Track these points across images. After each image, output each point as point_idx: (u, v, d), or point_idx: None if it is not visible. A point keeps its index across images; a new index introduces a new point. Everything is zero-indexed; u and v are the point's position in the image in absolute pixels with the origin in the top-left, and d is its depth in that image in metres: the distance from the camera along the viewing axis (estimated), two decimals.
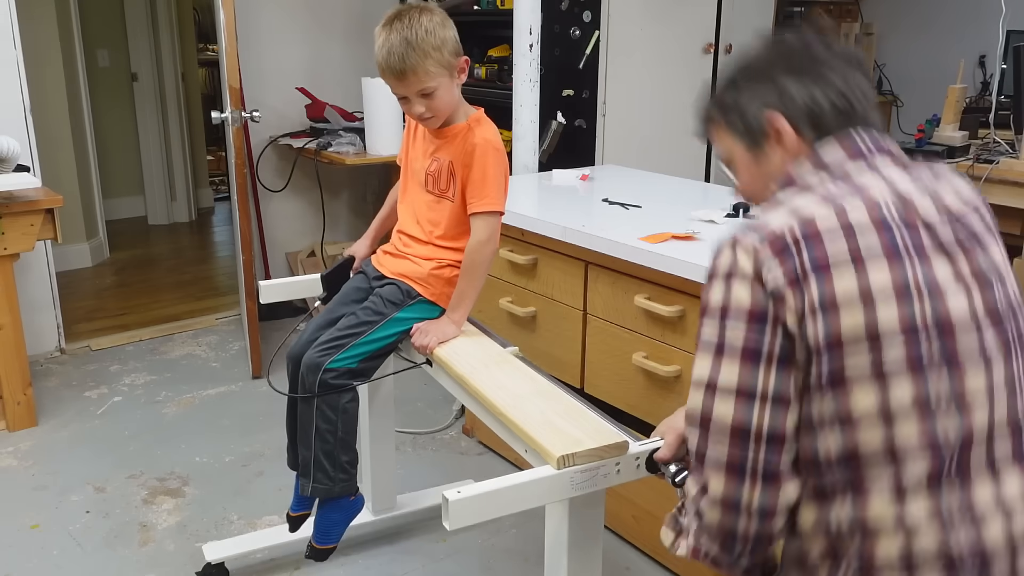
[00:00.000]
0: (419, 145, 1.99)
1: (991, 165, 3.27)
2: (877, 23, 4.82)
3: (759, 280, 1.04)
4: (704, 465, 1.08)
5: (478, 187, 1.86)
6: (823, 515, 1.06)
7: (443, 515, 1.27)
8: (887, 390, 1.01)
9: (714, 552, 1.13)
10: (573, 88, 3.69)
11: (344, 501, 1.97)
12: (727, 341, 1.06)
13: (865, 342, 1.01)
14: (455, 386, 1.81)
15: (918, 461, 1.02)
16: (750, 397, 1.04)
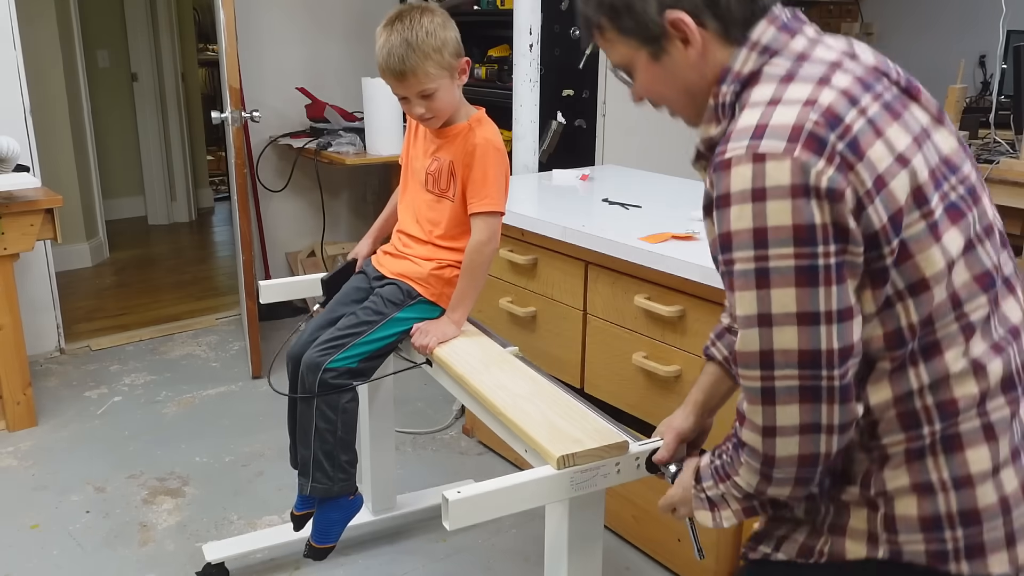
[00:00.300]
0: (420, 144, 1.99)
1: (991, 165, 3.27)
2: (877, 23, 4.82)
3: (803, 189, 0.94)
4: (774, 402, 1.00)
5: (479, 187, 1.86)
6: (900, 388, 1.03)
7: (443, 515, 1.27)
8: (944, 245, 1.01)
9: (788, 494, 1.07)
10: (573, 88, 3.69)
11: (343, 500, 1.97)
12: (772, 266, 0.96)
13: (915, 207, 0.99)
14: (455, 386, 1.81)
15: (974, 298, 1.03)
16: (814, 320, 0.96)
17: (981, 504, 1.03)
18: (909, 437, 1.04)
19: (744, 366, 1.02)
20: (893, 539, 1.05)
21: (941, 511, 1.03)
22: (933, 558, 1.04)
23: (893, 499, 1.05)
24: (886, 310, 1.01)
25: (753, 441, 1.04)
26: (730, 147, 0.98)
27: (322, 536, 1.99)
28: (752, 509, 1.14)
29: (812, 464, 1.02)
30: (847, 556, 1.08)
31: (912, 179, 0.99)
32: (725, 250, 1.00)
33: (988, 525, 1.03)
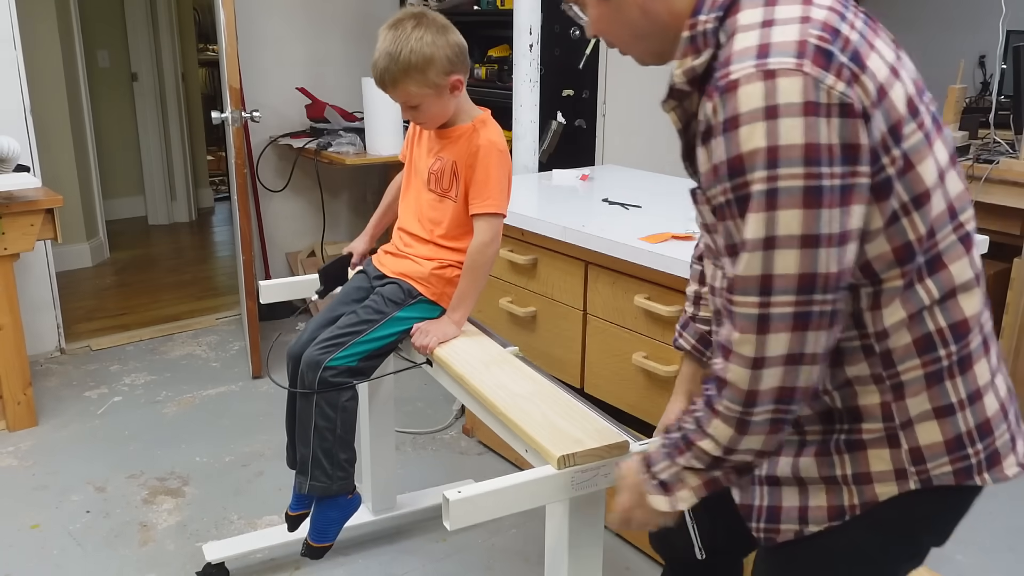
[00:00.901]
0: (423, 143, 1.99)
1: (991, 165, 3.27)
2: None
3: (815, 106, 0.93)
4: (767, 330, 0.98)
5: (481, 188, 1.86)
6: (911, 306, 1.04)
7: (443, 515, 1.27)
8: (935, 154, 1.03)
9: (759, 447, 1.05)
10: (573, 88, 3.69)
11: (341, 499, 1.97)
12: (783, 186, 0.94)
13: (911, 118, 1.00)
14: (455, 386, 1.81)
15: (965, 210, 1.07)
16: (815, 242, 0.95)
17: (989, 413, 1.08)
18: (925, 361, 1.05)
19: (742, 292, 0.99)
20: (922, 469, 1.07)
21: (962, 430, 1.07)
22: (960, 476, 1.07)
23: (915, 429, 1.07)
24: (893, 225, 1.01)
25: (737, 377, 1.01)
26: (734, 68, 0.96)
27: (320, 535, 1.98)
28: (714, 482, 1.11)
29: (789, 399, 1.01)
30: (880, 500, 1.09)
31: (904, 89, 1.01)
32: (734, 175, 0.97)
33: (998, 432, 1.09)
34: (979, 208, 3.60)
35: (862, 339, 1.06)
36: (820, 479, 1.13)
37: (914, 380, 1.06)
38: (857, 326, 1.06)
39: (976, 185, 3.30)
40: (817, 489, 1.13)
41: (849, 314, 1.05)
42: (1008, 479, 1.10)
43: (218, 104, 5.38)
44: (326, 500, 1.96)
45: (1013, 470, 1.10)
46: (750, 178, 0.96)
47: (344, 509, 1.99)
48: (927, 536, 1.15)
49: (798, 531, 1.15)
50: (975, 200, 3.30)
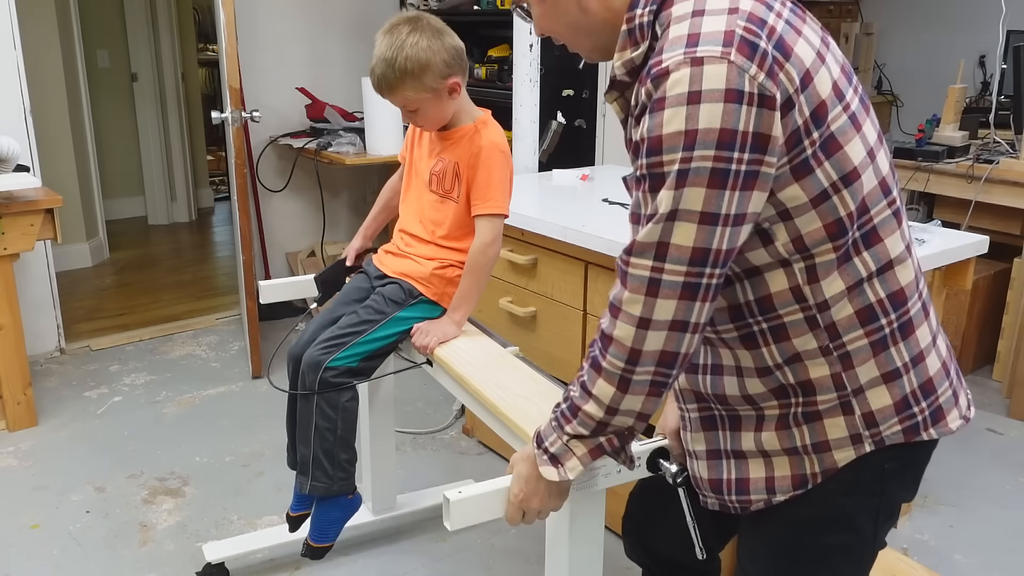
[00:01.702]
0: (424, 145, 1.99)
1: (991, 165, 3.27)
2: (877, 23, 4.82)
3: (736, 93, 0.97)
4: (657, 293, 1.04)
5: (483, 189, 1.87)
6: (850, 278, 1.09)
7: (444, 515, 1.27)
8: (864, 135, 1.08)
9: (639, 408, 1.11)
10: (573, 88, 3.69)
11: (342, 500, 1.97)
12: (693, 167, 0.99)
13: (837, 101, 1.05)
14: (455, 386, 1.81)
15: (894, 188, 1.13)
16: (713, 220, 1.01)
17: (932, 372, 1.16)
18: (868, 331, 1.11)
19: (638, 254, 1.05)
20: (875, 431, 1.14)
21: (907, 390, 1.14)
22: (908, 433, 1.15)
23: (866, 395, 1.13)
24: (824, 203, 1.06)
25: (624, 334, 1.06)
26: (666, 56, 1.01)
27: (320, 535, 1.98)
28: (599, 448, 1.17)
29: (670, 364, 1.07)
30: (839, 466, 1.15)
31: (830, 74, 1.05)
32: (652, 153, 1.02)
33: (940, 389, 1.16)
34: (979, 208, 3.64)
35: (804, 311, 1.11)
36: (782, 451, 1.18)
37: (860, 349, 1.12)
38: (798, 300, 1.11)
39: (976, 185, 3.30)
40: (781, 460, 1.19)
41: (788, 290, 1.10)
42: (952, 432, 1.18)
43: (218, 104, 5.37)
44: (327, 500, 1.96)
45: (956, 423, 1.18)
46: (667, 158, 1.01)
47: (345, 509, 1.99)
48: (893, 491, 1.19)
49: (767, 500, 1.21)
50: (975, 200, 3.30)
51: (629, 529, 1.54)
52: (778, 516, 1.21)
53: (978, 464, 2.90)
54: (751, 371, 1.17)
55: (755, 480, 1.21)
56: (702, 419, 1.26)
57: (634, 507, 1.53)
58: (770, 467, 1.19)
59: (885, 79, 4.81)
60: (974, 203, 3.32)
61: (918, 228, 2.34)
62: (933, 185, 3.44)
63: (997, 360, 3.52)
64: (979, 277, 3.40)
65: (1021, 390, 3.21)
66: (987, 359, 3.63)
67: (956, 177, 3.37)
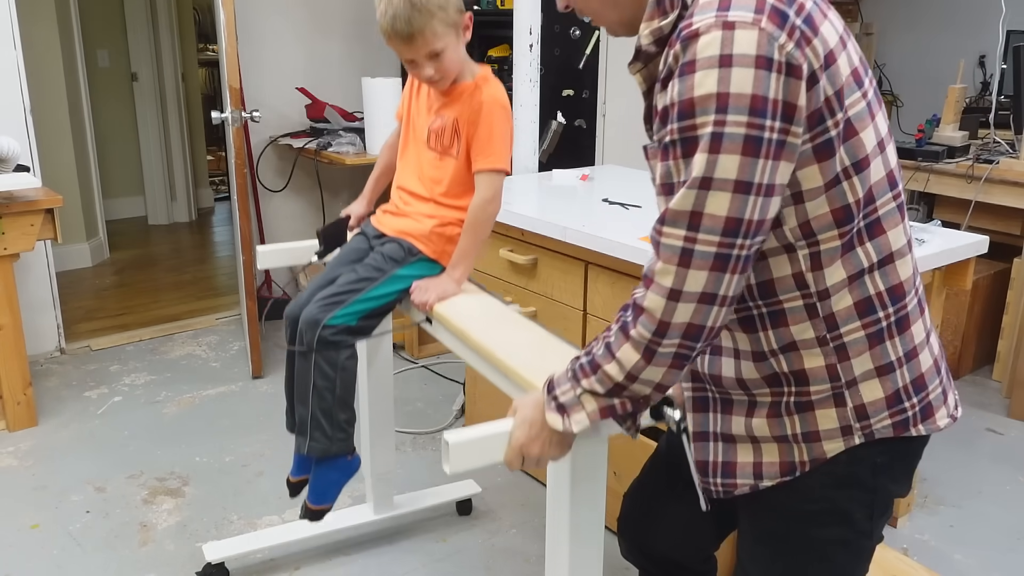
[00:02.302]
0: (422, 101, 1.95)
1: (991, 165, 3.28)
2: (877, 23, 4.82)
3: (766, 60, 0.98)
4: (689, 264, 1.03)
5: (484, 145, 1.83)
6: (852, 267, 1.10)
7: (443, 459, 1.24)
8: (876, 125, 1.09)
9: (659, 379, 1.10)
10: (573, 88, 3.69)
11: (341, 460, 1.93)
12: (727, 131, 0.99)
13: (856, 87, 1.06)
14: (455, 342, 1.75)
15: (899, 183, 1.14)
16: (747, 189, 1.00)
17: (923, 369, 1.17)
18: (866, 323, 1.12)
19: (671, 223, 1.04)
20: (866, 424, 1.15)
21: (899, 385, 1.15)
22: (898, 428, 1.15)
23: (859, 387, 1.14)
24: (834, 187, 1.06)
25: (653, 305, 1.05)
26: (697, 19, 1.01)
27: (319, 497, 1.94)
28: (611, 409, 1.16)
29: (696, 337, 1.06)
30: (828, 456, 1.16)
31: (849, 61, 1.06)
32: (684, 116, 1.02)
33: (931, 386, 1.18)
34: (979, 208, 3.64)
35: (805, 299, 1.11)
36: (772, 438, 1.19)
37: (856, 341, 1.12)
38: (799, 287, 1.11)
39: (976, 185, 3.30)
40: (770, 446, 1.19)
41: (791, 276, 1.11)
42: (940, 429, 1.19)
43: (218, 104, 5.38)
44: (325, 461, 1.92)
45: (944, 421, 1.19)
46: (699, 121, 1.00)
47: (344, 470, 1.95)
48: (885, 486, 1.20)
49: (753, 485, 1.21)
50: (975, 200, 3.30)
51: (625, 529, 1.54)
52: (773, 511, 1.22)
53: (978, 464, 2.90)
54: (747, 354, 1.18)
55: (742, 464, 1.22)
56: (695, 399, 1.27)
57: (629, 507, 1.53)
58: (758, 453, 1.20)
59: (885, 79, 4.81)
60: (974, 203, 3.32)
61: (918, 228, 2.34)
62: (933, 185, 3.44)
63: (997, 360, 3.52)
64: (979, 277, 3.40)
65: (1021, 390, 3.21)
66: (987, 359, 3.63)
67: (956, 177, 3.37)
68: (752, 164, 0.99)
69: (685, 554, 1.49)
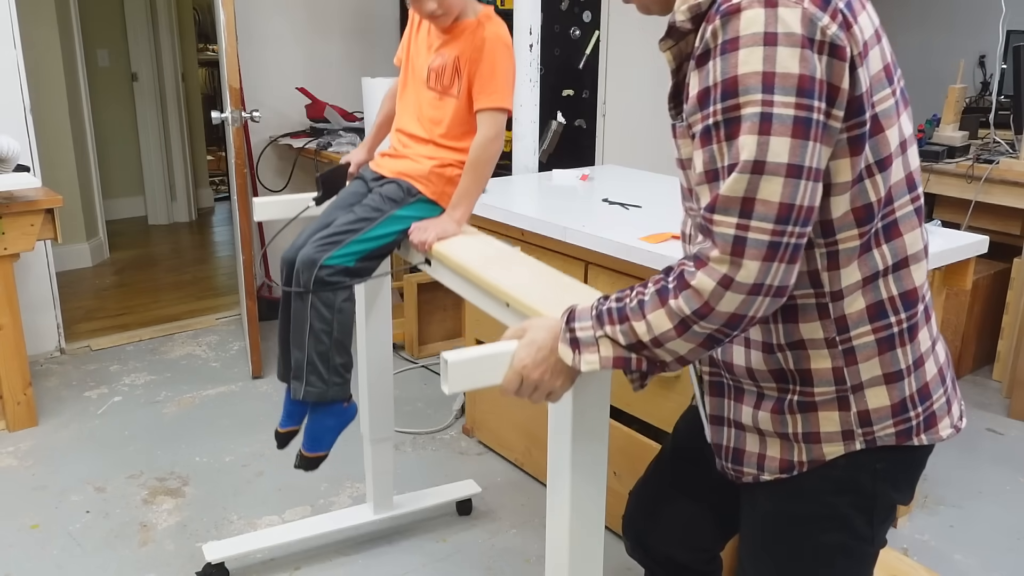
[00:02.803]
0: (422, 40, 1.92)
1: (991, 165, 3.27)
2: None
3: (809, 41, 0.96)
4: (740, 251, 0.99)
5: (487, 82, 1.79)
6: (867, 269, 1.08)
7: (442, 378, 1.22)
8: (901, 125, 1.07)
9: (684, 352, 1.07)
10: (573, 88, 3.69)
11: (337, 407, 1.89)
12: (777, 112, 0.96)
13: (887, 83, 1.05)
14: (455, 279, 1.71)
15: (917, 186, 1.11)
16: (799, 173, 0.97)
17: (928, 378, 1.15)
18: (876, 328, 1.11)
19: (722, 211, 1.00)
20: (868, 430, 1.14)
21: (906, 394, 1.13)
22: (900, 437, 1.14)
23: (865, 393, 1.12)
24: (857, 184, 1.05)
25: (704, 287, 1.01)
26: None
27: (314, 444, 1.90)
28: (625, 361, 1.11)
29: (735, 325, 1.03)
30: (826, 459, 1.16)
31: (881, 56, 1.05)
32: (727, 96, 0.98)
33: (935, 396, 1.16)
34: (979, 208, 3.64)
35: (818, 297, 1.10)
36: (775, 433, 1.19)
37: (865, 345, 1.11)
38: (813, 284, 1.10)
39: (976, 185, 3.30)
40: (773, 441, 1.19)
41: (806, 273, 1.09)
42: (943, 439, 1.18)
43: (218, 104, 5.37)
44: (321, 407, 1.88)
45: (947, 431, 1.18)
46: (744, 100, 0.97)
47: (340, 417, 1.91)
48: (886, 493, 1.18)
49: (756, 476, 1.22)
50: (975, 200, 3.30)
51: (628, 528, 1.54)
52: (774, 515, 1.22)
53: (978, 464, 2.90)
54: (757, 344, 1.17)
55: (749, 454, 1.22)
56: (711, 383, 1.27)
57: (633, 506, 1.53)
58: (763, 445, 1.20)
59: None
60: (974, 203, 3.32)
61: None
62: (933, 185, 3.44)
63: (997, 360, 3.52)
64: (979, 277, 3.40)
65: (1021, 390, 3.21)
66: (987, 359, 3.63)
67: (956, 177, 3.37)
68: (803, 147, 0.97)
69: (687, 554, 1.49)
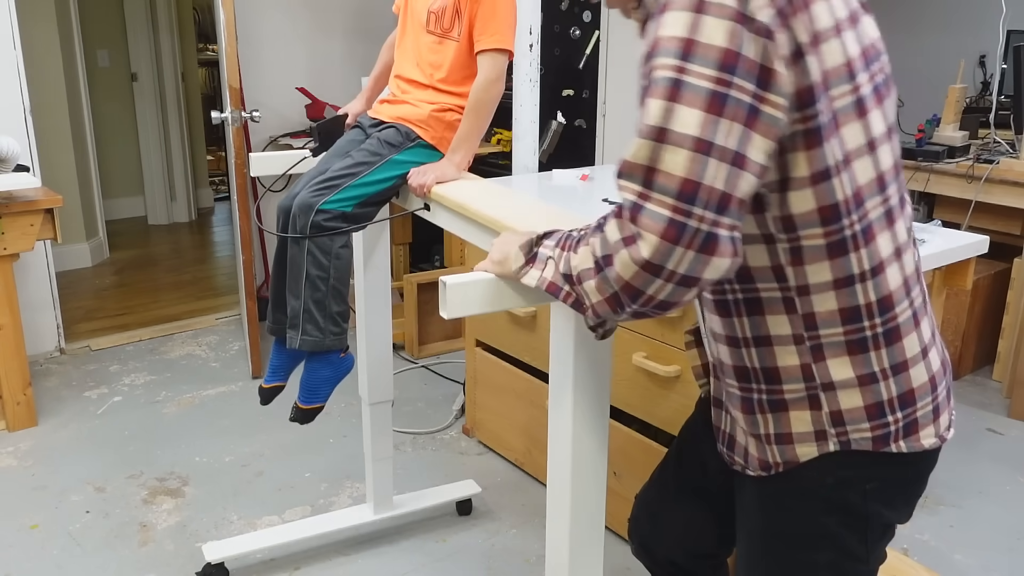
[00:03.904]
0: None
1: (991, 165, 3.27)
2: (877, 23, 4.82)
3: (742, 16, 0.92)
4: (637, 220, 0.95)
5: (488, 23, 1.77)
6: (840, 270, 1.05)
7: (440, 304, 1.22)
8: (868, 123, 1.03)
9: (594, 301, 1.04)
10: (573, 88, 3.69)
11: (334, 356, 1.87)
12: (689, 81, 0.92)
13: (847, 79, 1.00)
14: (454, 219, 1.68)
15: (891, 185, 1.07)
16: (707, 150, 0.92)
17: (915, 384, 1.11)
18: (848, 330, 1.07)
19: (628, 176, 0.96)
20: (842, 431, 1.11)
21: (883, 398, 1.10)
22: (877, 442, 1.11)
23: (837, 393, 1.09)
24: (823, 182, 1.00)
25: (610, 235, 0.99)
26: None
27: (310, 395, 1.88)
28: (556, 288, 1.11)
29: (633, 296, 0.99)
30: (800, 460, 1.14)
31: (843, 51, 0.99)
32: (650, 57, 0.96)
33: (921, 403, 1.12)
34: (979, 208, 3.64)
35: (783, 291, 1.08)
36: (749, 433, 1.18)
37: (834, 344, 1.08)
38: (778, 279, 1.07)
39: (976, 185, 3.30)
40: (749, 439, 1.19)
41: (769, 268, 1.07)
42: (923, 448, 1.13)
43: (218, 104, 5.37)
44: (317, 356, 1.85)
45: (930, 441, 1.13)
46: (662, 62, 0.94)
47: (336, 367, 1.89)
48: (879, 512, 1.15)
49: (743, 467, 1.22)
50: (975, 200, 3.30)
51: (633, 531, 1.54)
52: (767, 533, 1.21)
53: (978, 464, 2.90)
54: (722, 338, 1.16)
55: (739, 445, 1.22)
56: (713, 365, 1.26)
57: (638, 511, 1.53)
58: (745, 439, 1.21)
59: None
60: (974, 203, 3.32)
61: (918, 228, 2.34)
62: (933, 185, 3.44)
63: (997, 360, 3.52)
64: (979, 277, 3.40)
65: (1021, 390, 3.21)
66: (987, 359, 3.63)
67: (956, 177, 3.37)
68: (715, 123, 0.92)
69: (691, 560, 1.49)
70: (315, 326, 1.81)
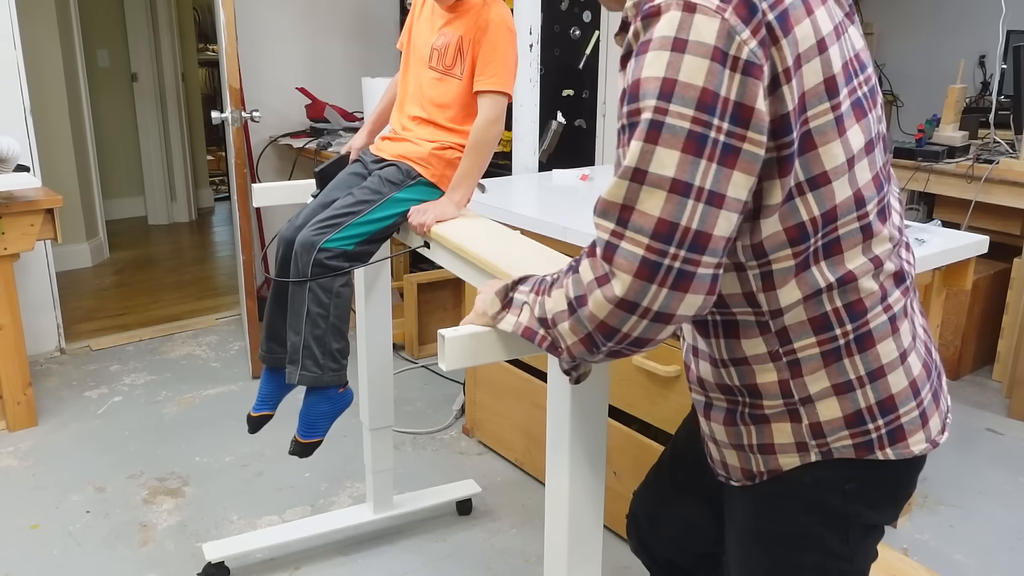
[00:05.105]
0: (424, 21, 1.91)
1: (991, 165, 3.28)
2: (877, 23, 4.82)
3: (722, 54, 0.91)
4: (611, 259, 0.96)
5: (488, 64, 1.79)
6: (807, 288, 1.04)
7: (439, 356, 1.22)
8: (847, 140, 1.01)
9: (569, 343, 1.05)
10: (573, 88, 3.69)
11: (332, 392, 1.88)
12: (668, 122, 0.91)
13: (826, 98, 0.98)
14: (453, 260, 1.69)
15: (872, 199, 1.05)
16: (685, 191, 0.92)
17: (895, 390, 1.09)
18: (821, 340, 1.07)
19: (602, 214, 0.97)
20: (822, 442, 1.10)
21: (861, 405, 1.09)
22: (860, 449, 1.10)
23: (815, 405, 1.09)
24: (787, 203, 1.00)
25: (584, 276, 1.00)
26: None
27: (309, 430, 1.89)
28: (532, 333, 1.12)
29: (608, 335, 1.00)
30: (784, 469, 1.14)
31: (826, 68, 0.98)
32: (632, 100, 0.95)
33: (903, 409, 1.10)
34: (979, 208, 3.64)
35: (757, 316, 1.08)
36: (731, 445, 1.18)
37: (810, 358, 1.08)
38: (751, 304, 1.08)
39: (976, 185, 3.30)
40: (729, 452, 1.19)
41: (741, 295, 1.07)
42: (913, 455, 1.12)
43: (218, 104, 5.38)
44: (316, 392, 1.87)
45: (920, 446, 1.12)
46: (643, 104, 0.94)
47: (335, 403, 1.90)
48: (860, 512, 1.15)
49: (726, 478, 1.22)
50: (975, 200, 3.30)
51: (631, 529, 1.54)
52: (752, 535, 1.22)
53: (978, 464, 2.90)
54: (704, 355, 1.16)
55: (716, 459, 1.23)
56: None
57: (635, 509, 1.53)
58: (721, 454, 1.21)
59: (885, 79, 4.81)
60: (974, 203, 3.32)
61: (918, 228, 2.34)
62: (933, 185, 3.44)
63: (997, 360, 3.52)
64: (979, 277, 3.40)
65: (1021, 390, 3.21)
66: (987, 359, 3.63)
67: (956, 177, 3.37)
68: (693, 164, 0.92)
69: (688, 557, 1.49)
70: (314, 362, 1.84)
